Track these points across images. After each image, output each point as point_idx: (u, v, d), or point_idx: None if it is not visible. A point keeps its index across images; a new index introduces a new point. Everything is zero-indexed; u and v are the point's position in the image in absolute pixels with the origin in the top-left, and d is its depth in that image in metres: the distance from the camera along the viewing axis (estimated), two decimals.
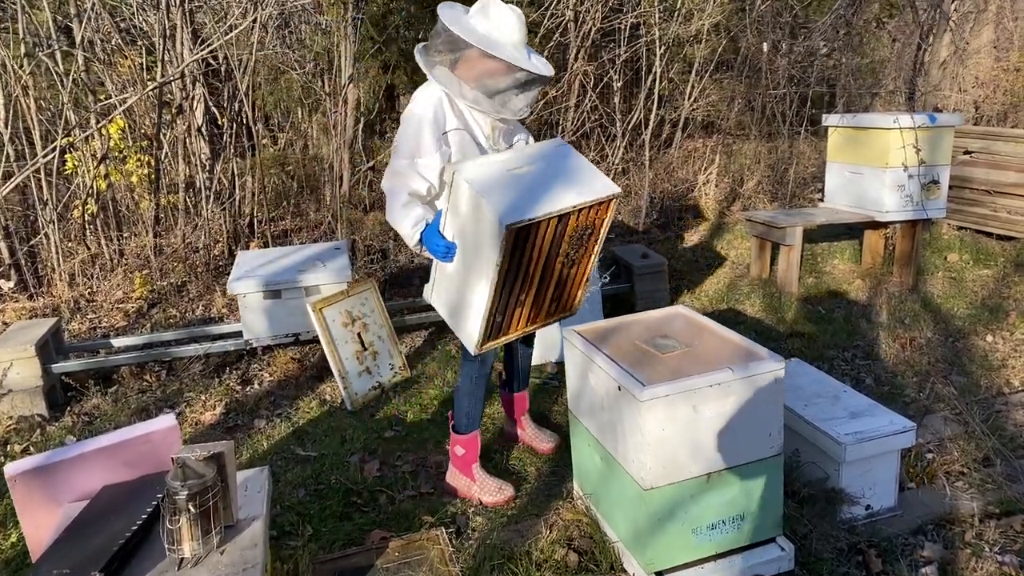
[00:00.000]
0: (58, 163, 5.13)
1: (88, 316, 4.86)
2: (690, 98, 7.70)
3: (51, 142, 5.00)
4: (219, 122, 6.01)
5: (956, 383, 3.59)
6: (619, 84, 6.94)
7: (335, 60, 5.91)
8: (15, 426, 3.52)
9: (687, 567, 2.26)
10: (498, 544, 2.48)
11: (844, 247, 5.99)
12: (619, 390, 2.21)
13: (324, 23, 6.00)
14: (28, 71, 5.04)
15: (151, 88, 5.20)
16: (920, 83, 7.86)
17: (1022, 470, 2.79)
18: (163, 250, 5.60)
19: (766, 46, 7.80)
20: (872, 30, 10.03)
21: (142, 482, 2.19)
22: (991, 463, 2.84)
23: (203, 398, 3.74)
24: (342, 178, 5.96)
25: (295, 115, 7.42)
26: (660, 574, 2.24)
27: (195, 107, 5.84)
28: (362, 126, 6.35)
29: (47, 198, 5.09)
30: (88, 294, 5.13)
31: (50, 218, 5.10)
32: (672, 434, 2.14)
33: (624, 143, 7.05)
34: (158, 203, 5.68)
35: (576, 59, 6.73)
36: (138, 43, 5.81)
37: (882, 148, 4.87)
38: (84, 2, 5.21)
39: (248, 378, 3.99)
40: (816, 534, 2.41)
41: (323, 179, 6.51)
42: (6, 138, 4.96)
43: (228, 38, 5.14)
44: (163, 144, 5.81)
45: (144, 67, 5.78)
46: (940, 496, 2.66)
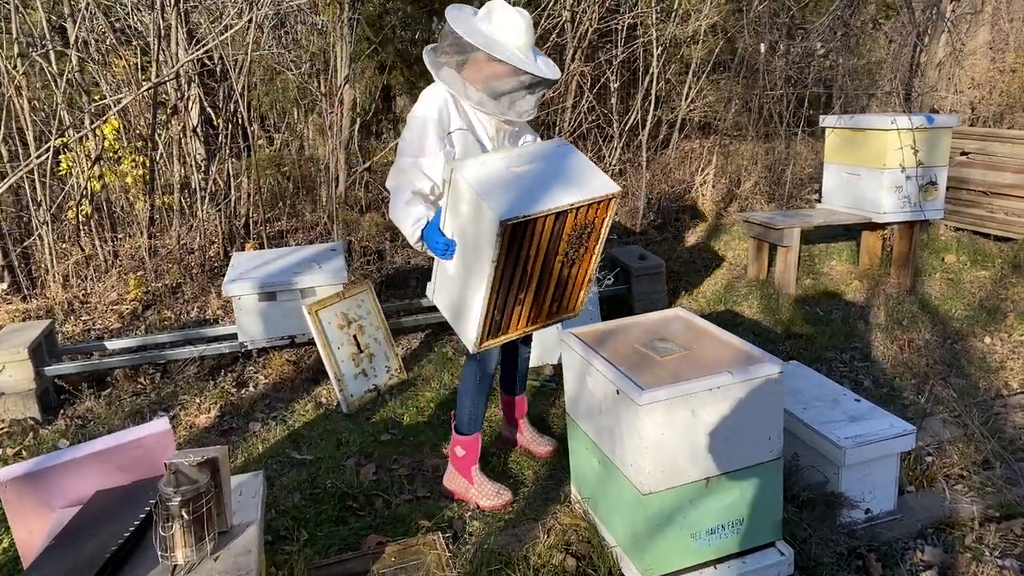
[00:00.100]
0: (52, 164, 5.10)
1: (82, 318, 4.83)
2: (687, 99, 7.69)
3: (45, 143, 4.96)
4: (215, 123, 5.98)
5: (955, 385, 3.58)
6: (616, 85, 6.93)
7: (331, 60, 5.88)
8: (7, 429, 3.49)
9: (686, 572, 2.24)
10: (495, 549, 2.46)
11: (841, 248, 5.98)
12: (617, 394, 2.19)
13: (320, 23, 5.97)
14: (21, 71, 5.00)
15: (146, 88, 5.17)
16: (916, 84, 7.86)
17: (1022, 473, 2.78)
18: (158, 251, 5.57)
19: (763, 47, 7.79)
20: (868, 31, 10.03)
21: (135, 487, 2.16)
22: (991, 466, 2.83)
23: (198, 401, 3.71)
24: (338, 179, 5.93)
25: (291, 116, 7.40)
26: None
27: (190, 107, 5.81)
28: (358, 127, 6.32)
29: (41, 199, 5.05)
30: (82, 296, 5.10)
31: (44, 219, 5.07)
32: (671, 438, 2.12)
33: (621, 144, 7.04)
34: (153, 204, 5.65)
35: (573, 60, 6.72)
36: (133, 43, 5.77)
37: (880, 149, 4.86)
38: (78, 2, 5.17)
39: (243, 381, 3.96)
40: (816, 538, 2.39)
41: (319, 180, 6.48)
42: None
43: (223, 38, 5.11)
44: (158, 145, 5.78)
45: (139, 67, 5.75)
46: (940, 500, 2.65)
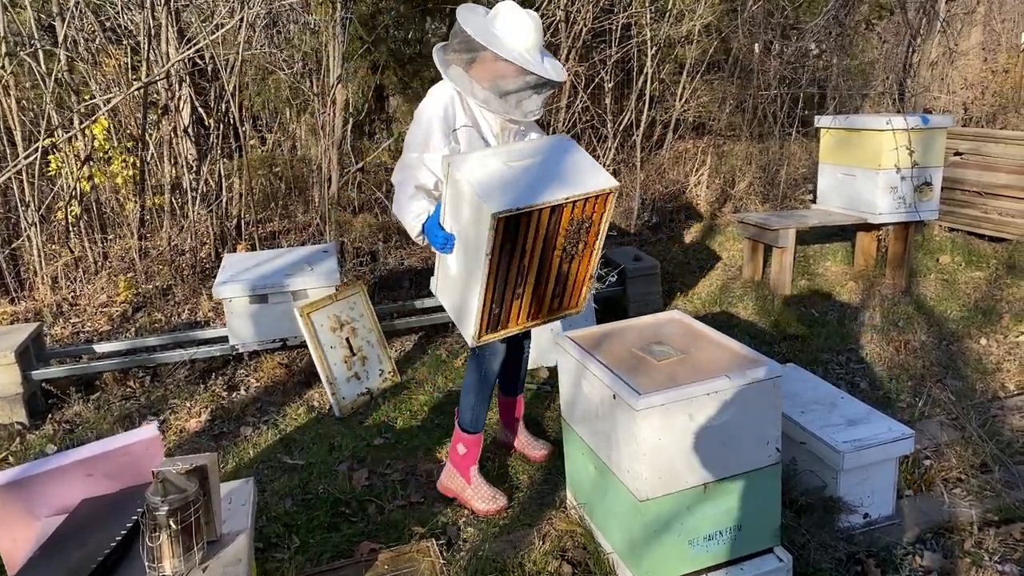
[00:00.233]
0: (41, 164, 5.04)
1: (71, 320, 4.77)
2: (681, 99, 7.66)
3: (34, 143, 4.90)
4: (206, 123, 5.93)
5: (951, 387, 3.56)
6: (610, 85, 6.90)
7: (323, 60, 5.83)
8: None
9: None
10: (490, 556, 2.42)
11: (836, 249, 5.96)
12: (614, 398, 2.15)
13: (312, 22, 5.93)
14: (9, 71, 4.94)
15: (135, 88, 5.11)
16: (910, 84, 7.86)
17: (1020, 476, 2.76)
18: (148, 253, 5.52)
19: (757, 47, 7.78)
20: (861, 31, 10.04)
21: (123, 495, 2.12)
22: (989, 469, 2.81)
23: (188, 405, 3.66)
24: (330, 180, 5.88)
25: (283, 116, 7.34)
26: None
27: (182, 107, 5.75)
28: (351, 127, 6.28)
29: (29, 200, 4.99)
30: (71, 298, 5.04)
31: (32, 220, 5.01)
32: (668, 444, 2.09)
33: (615, 144, 7.01)
34: (143, 205, 5.59)
35: (567, 60, 6.68)
36: (123, 43, 5.72)
37: (875, 150, 4.85)
38: (67, 0, 5.11)
39: (234, 384, 3.92)
40: (814, 544, 2.36)
41: (311, 180, 6.43)
42: None
43: (214, 37, 5.06)
44: (149, 145, 5.73)
45: (130, 67, 5.69)
46: (938, 503, 2.62)
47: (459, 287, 2.51)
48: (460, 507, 2.79)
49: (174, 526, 1.76)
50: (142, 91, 5.29)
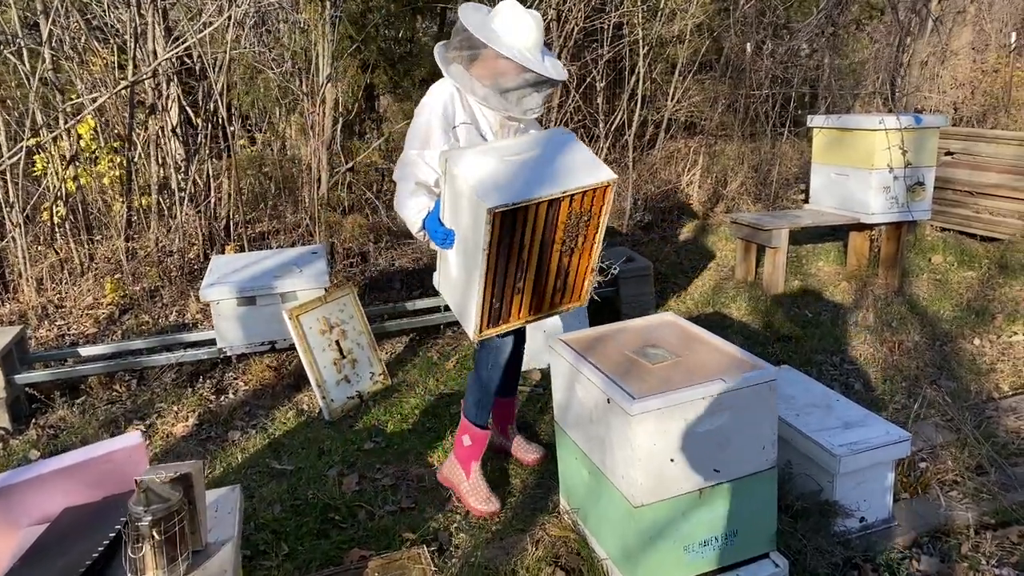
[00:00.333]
0: (26, 164, 4.97)
1: (56, 323, 4.70)
2: (673, 99, 7.64)
3: (18, 143, 4.83)
4: (194, 122, 5.86)
5: (946, 388, 3.55)
6: (602, 85, 6.87)
7: (313, 59, 5.78)
8: None
9: None
10: (482, 563, 2.39)
11: (829, 249, 5.95)
12: (608, 403, 2.12)
13: (301, 21, 5.87)
14: None
15: (122, 87, 5.05)
16: (900, 84, 7.86)
17: (1016, 478, 2.74)
18: (135, 254, 5.45)
19: (749, 47, 7.76)
20: (852, 32, 10.04)
21: (105, 504, 2.07)
22: (985, 471, 2.79)
23: (175, 409, 3.61)
24: (320, 180, 5.83)
25: (272, 115, 7.27)
26: None
27: (169, 107, 5.69)
28: (340, 127, 6.22)
29: (13, 200, 4.92)
30: (57, 300, 4.97)
31: (17, 221, 4.94)
32: (663, 448, 2.05)
33: (607, 144, 6.98)
34: (130, 205, 5.52)
35: (559, 59, 6.64)
36: (110, 41, 5.64)
37: (868, 149, 4.83)
38: None
39: (222, 387, 3.86)
40: (810, 549, 2.33)
41: (301, 181, 6.37)
42: None
43: (201, 35, 4.99)
44: (136, 144, 5.66)
45: (116, 65, 5.62)
46: (935, 507, 2.60)
47: (460, 282, 2.52)
48: (452, 512, 2.75)
49: (157, 536, 1.71)
50: (128, 90, 5.22)
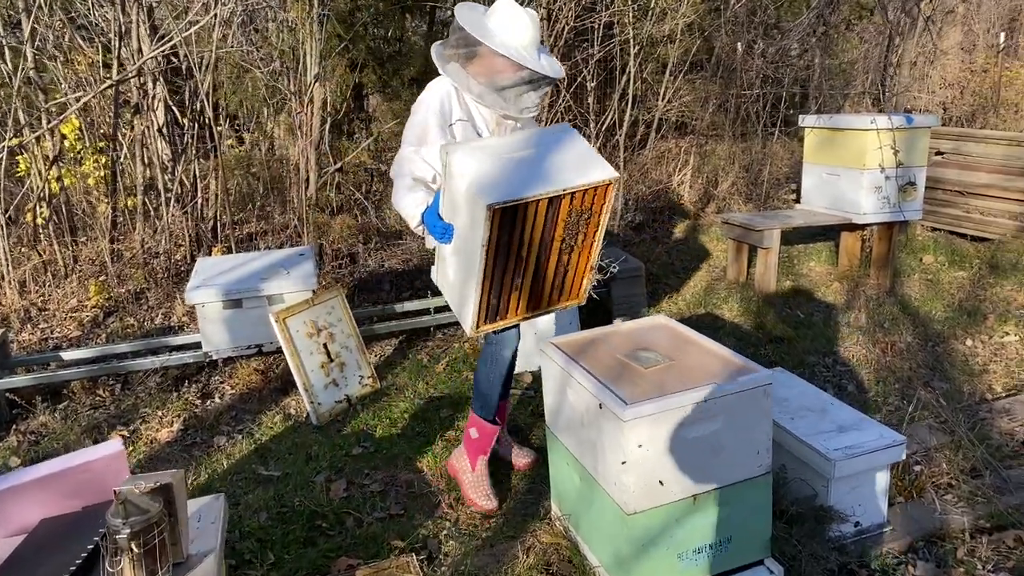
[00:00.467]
0: (9, 165, 4.88)
1: (40, 326, 4.62)
2: (664, 98, 7.61)
3: (0, 143, 4.75)
4: (180, 122, 5.79)
5: (939, 389, 3.53)
6: (592, 84, 6.83)
7: (300, 58, 5.71)
8: None
9: None
10: (472, 571, 2.34)
11: (820, 249, 5.94)
12: (600, 408, 2.08)
13: (289, 19, 5.80)
14: None
15: (105, 86, 4.97)
16: (890, 84, 7.86)
17: (1011, 481, 2.71)
18: (121, 255, 5.37)
19: (740, 46, 7.75)
20: (842, 32, 10.05)
21: (85, 514, 2.02)
22: (979, 474, 2.77)
23: (160, 414, 3.54)
24: (308, 180, 5.76)
25: (260, 115, 7.19)
26: None
27: (156, 106, 5.61)
28: (329, 126, 6.16)
29: None
30: (40, 302, 4.89)
31: None
32: (656, 454, 2.02)
33: (598, 144, 6.94)
34: (115, 206, 5.44)
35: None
36: (95, 40, 5.56)
37: (859, 149, 4.81)
38: None
39: (208, 392, 3.80)
40: (805, 555, 2.30)
41: (289, 181, 6.30)
42: None
43: (187, 34, 4.92)
44: (122, 145, 5.58)
45: (101, 64, 5.54)
46: (930, 511, 2.57)
47: (458, 278, 2.50)
48: (442, 519, 2.71)
49: (136, 549, 1.66)
50: (114, 89, 5.14)
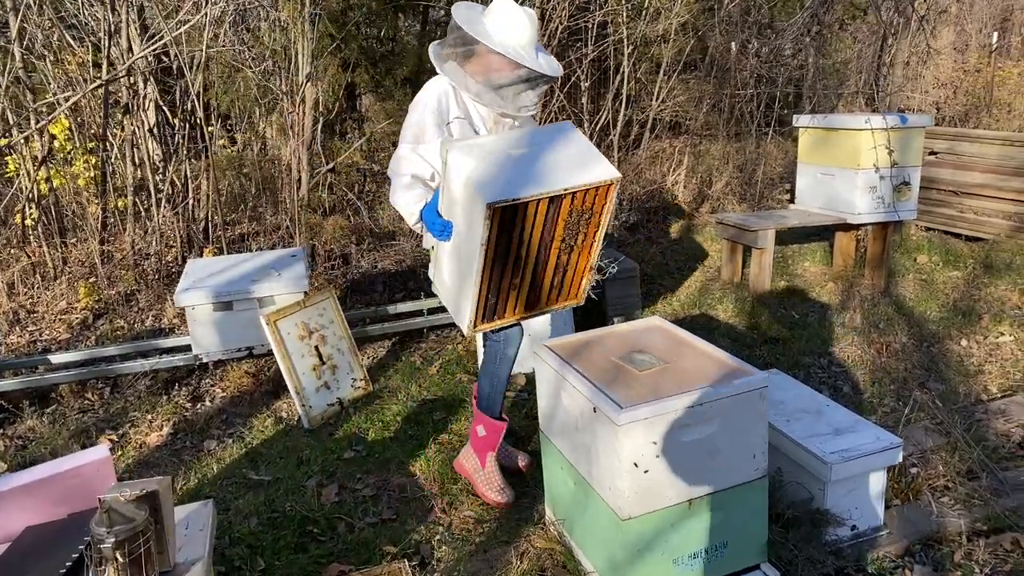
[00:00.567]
0: None
1: (28, 328, 4.57)
2: (658, 98, 7.60)
3: None
4: (171, 122, 5.74)
5: (934, 390, 3.51)
6: (587, 84, 6.81)
7: (292, 58, 5.67)
8: None
9: None
10: None
11: (814, 249, 5.92)
12: (594, 412, 2.05)
13: (281, 18, 5.76)
14: None
15: (95, 86, 4.92)
16: (883, 84, 7.87)
17: (1007, 483, 2.70)
18: (111, 257, 5.32)
19: (734, 46, 7.73)
20: (836, 32, 10.06)
21: (70, 522, 1.98)
22: (976, 476, 2.75)
23: (149, 418, 3.50)
24: (300, 181, 5.72)
25: (252, 115, 7.14)
26: None
27: (146, 106, 5.56)
28: (321, 126, 6.12)
29: None
30: (29, 304, 4.84)
31: None
32: (651, 459, 1.99)
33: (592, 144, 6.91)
34: (105, 207, 5.39)
35: None
36: (85, 40, 5.51)
37: (854, 149, 4.80)
38: None
39: (199, 395, 3.76)
40: (802, 559, 2.28)
41: (281, 182, 6.26)
42: None
43: (177, 33, 4.88)
44: (112, 145, 5.53)
45: (91, 64, 5.48)
46: (926, 513, 2.55)
47: (456, 276, 2.48)
48: (434, 524, 2.68)
49: (121, 559, 1.63)
50: (103, 89, 5.10)
